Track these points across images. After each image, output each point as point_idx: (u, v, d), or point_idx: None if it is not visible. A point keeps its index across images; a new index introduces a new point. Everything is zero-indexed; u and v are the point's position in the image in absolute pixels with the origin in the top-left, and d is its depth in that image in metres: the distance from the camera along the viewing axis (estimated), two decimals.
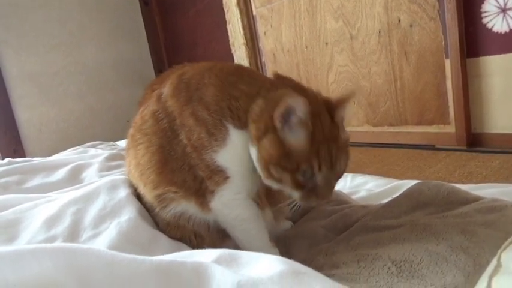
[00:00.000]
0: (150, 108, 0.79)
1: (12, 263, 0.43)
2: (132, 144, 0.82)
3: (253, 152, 0.70)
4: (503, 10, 1.65)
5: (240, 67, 0.83)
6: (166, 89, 0.77)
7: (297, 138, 0.67)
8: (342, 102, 0.71)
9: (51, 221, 0.78)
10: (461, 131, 1.87)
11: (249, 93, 0.73)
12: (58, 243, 0.47)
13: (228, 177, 0.73)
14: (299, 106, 0.65)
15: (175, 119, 0.74)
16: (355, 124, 2.35)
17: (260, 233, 0.76)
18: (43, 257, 0.44)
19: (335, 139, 0.69)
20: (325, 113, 0.70)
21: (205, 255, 0.52)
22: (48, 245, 0.45)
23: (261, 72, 0.81)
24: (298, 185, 0.69)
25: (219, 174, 0.73)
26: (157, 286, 0.45)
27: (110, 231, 0.74)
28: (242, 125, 0.72)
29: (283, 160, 0.67)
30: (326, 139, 0.68)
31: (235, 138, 0.72)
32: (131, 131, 0.85)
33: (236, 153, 0.72)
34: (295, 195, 0.70)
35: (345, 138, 0.72)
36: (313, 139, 0.67)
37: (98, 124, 3.49)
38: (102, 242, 0.72)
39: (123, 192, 0.83)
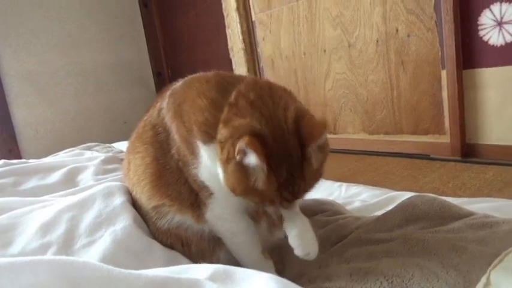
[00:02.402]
0: (152, 120, 0.80)
1: (10, 275, 0.44)
2: (132, 151, 0.83)
3: (220, 171, 0.66)
4: (499, 23, 1.67)
5: (216, 74, 0.76)
6: (164, 103, 0.78)
7: (256, 176, 0.62)
8: (313, 137, 0.62)
9: (46, 227, 0.78)
10: (456, 141, 1.88)
11: (214, 103, 0.68)
12: (55, 256, 0.47)
13: (212, 193, 0.72)
14: (251, 155, 0.59)
15: (170, 134, 0.75)
16: (351, 131, 2.36)
17: (252, 246, 0.76)
18: (40, 269, 0.45)
19: (302, 173, 0.63)
20: (293, 145, 0.63)
21: (200, 271, 0.52)
22: (45, 257, 0.46)
23: (238, 75, 0.73)
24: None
25: (205, 189, 0.73)
26: None
27: (105, 239, 0.74)
28: (210, 138, 0.67)
29: (247, 194, 0.65)
30: (289, 174, 0.63)
31: (205, 155, 0.69)
32: (133, 136, 0.86)
33: (210, 171, 0.69)
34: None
35: (317, 164, 0.65)
36: (271, 177, 0.62)
37: (94, 125, 3.49)
38: (96, 249, 0.73)
39: (119, 200, 0.83)
